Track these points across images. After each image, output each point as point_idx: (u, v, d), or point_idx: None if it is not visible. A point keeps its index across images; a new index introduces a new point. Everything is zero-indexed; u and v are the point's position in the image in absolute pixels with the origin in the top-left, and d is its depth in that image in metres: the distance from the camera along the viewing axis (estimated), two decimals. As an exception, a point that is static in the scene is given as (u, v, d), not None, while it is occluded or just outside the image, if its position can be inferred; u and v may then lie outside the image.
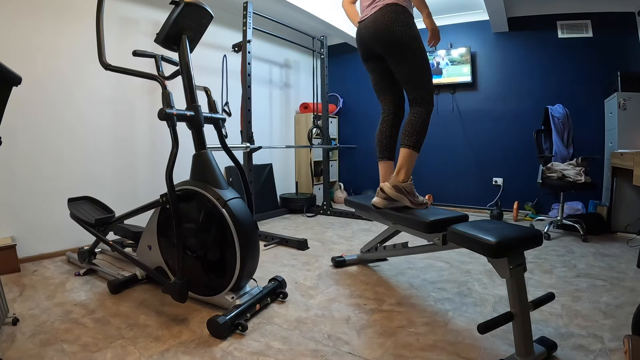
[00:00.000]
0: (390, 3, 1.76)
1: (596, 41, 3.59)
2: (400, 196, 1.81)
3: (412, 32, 1.76)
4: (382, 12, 1.77)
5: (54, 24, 2.46)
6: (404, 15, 1.76)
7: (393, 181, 1.81)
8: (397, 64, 1.82)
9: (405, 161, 1.79)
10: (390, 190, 1.80)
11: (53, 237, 2.50)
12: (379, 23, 1.78)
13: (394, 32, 1.75)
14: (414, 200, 1.82)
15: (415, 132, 1.79)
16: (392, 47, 1.79)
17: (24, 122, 2.34)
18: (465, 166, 4.31)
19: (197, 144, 1.74)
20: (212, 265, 1.68)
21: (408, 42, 1.75)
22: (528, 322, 1.24)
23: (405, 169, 1.79)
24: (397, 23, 1.74)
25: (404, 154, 1.80)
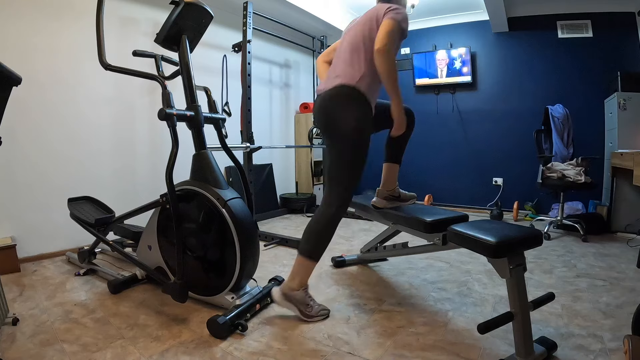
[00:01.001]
0: (345, 84, 1.56)
1: (596, 41, 3.59)
2: (289, 305, 1.58)
3: (356, 125, 1.55)
4: (331, 93, 1.59)
5: (53, 23, 2.46)
6: (355, 102, 1.56)
7: (284, 287, 1.59)
8: (328, 150, 1.66)
9: (298, 269, 1.58)
10: (279, 298, 1.59)
11: (53, 237, 2.50)
12: (324, 103, 1.62)
13: (334, 119, 1.58)
14: (304, 310, 1.58)
15: (315, 239, 1.57)
16: (328, 133, 1.63)
17: (23, 122, 2.34)
18: (465, 166, 4.31)
19: (197, 144, 1.74)
20: (212, 265, 1.68)
21: (345, 135, 1.56)
22: (528, 322, 1.24)
23: (299, 278, 1.57)
24: (342, 110, 1.56)
25: (298, 261, 1.59)
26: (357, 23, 1.68)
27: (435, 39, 4.36)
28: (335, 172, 1.61)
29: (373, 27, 1.57)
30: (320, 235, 1.59)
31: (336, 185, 1.61)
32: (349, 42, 1.65)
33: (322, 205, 1.63)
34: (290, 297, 1.58)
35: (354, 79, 1.56)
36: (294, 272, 1.60)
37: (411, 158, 4.55)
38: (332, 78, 1.63)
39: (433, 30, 4.39)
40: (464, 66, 4.15)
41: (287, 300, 1.58)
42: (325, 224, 1.59)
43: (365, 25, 1.61)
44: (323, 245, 1.60)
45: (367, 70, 1.57)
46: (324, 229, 1.59)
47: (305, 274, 1.60)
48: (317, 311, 1.61)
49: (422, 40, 4.43)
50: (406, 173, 4.51)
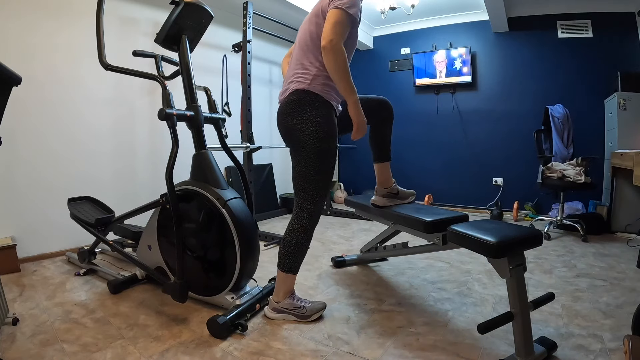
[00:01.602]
0: (298, 89, 1.49)
1: (596, 41, 3.59)
2: (283, 315, 1.59)
3: (315, 130, 1.46)
4: (286, 101, 1.54)
5: (52, 23, 2.46)
6: (310, 106, 1.48)
7: (272, 304, 1.61)
8: (293, 159, 1.57)
9: (280, 283, 1.59)
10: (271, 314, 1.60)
11: (53, 237, 2.50)
12: (280, 113, 1.57)
13: (291, 128, 1.51)
14: (299, 313, 1.58)
15: (288, 254, 1.54)
16: (289, 142, 1.57)
17: (23, 122, 2.34)
18: (466, 166, 4.31)
19: (197, 144, 1.74)
20: (212, 265, 1.68)
21: (305, 142, 1.48)
22: (528, 322, 1.24)
23: (282, 291, 1.59)
24: (297, 117, 1.49)
25: (279, 276, 1.59)
26: (305, 21, 1.59)
27: (435, 39, 4.35)
28: (302, 183, 1.53)
29: (319, 21, 1.46)
30: (294, 249, 1.55)
31: (304, 196, 1.53)
32: (298, 42, 1.59)
33: (292, 217, 1.57)
34: (280, 309, 1.59)
35: (306, 81, 1.49)
36: (278, 286, 1.61)
37: (411, 158, 4.57)
38: (285, 85, 1.57)
39: (433, 30, 4.39)
40: (464, 66, 4.14)
41: (280, 313, 1.60)
42: (298, 237, 1.54)
43: (312, 21, 1.51)
44: (299, 257, 1.57)
45: (319, 70, 1.48)
46: (297, 242, 1.54)
47: (287, 287, 1.60)
48: (311, 309, 1.60)
49: (422, 40, 4.43)
50: (406, 173, 4.53)
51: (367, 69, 4.67)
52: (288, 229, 1.57)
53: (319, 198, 1.54)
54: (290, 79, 1.56)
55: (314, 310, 1.60)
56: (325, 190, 1.56)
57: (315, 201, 1.54)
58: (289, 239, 1.56)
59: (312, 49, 1.50)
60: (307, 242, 1.57)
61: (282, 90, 1.60)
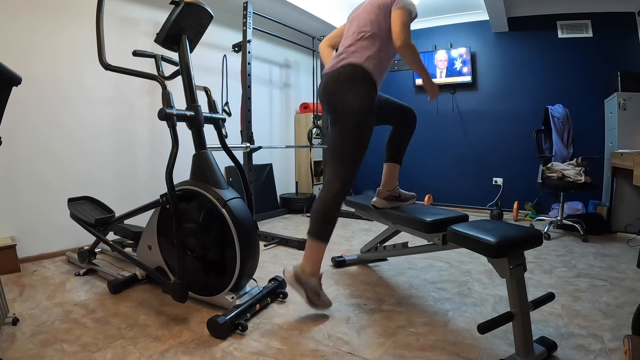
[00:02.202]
0: (353, 63, 1.60)
1: (596, 41, 3.59)
2: (298, 287, 1.59)
3: (361, 104, 1.58)
4: (339, 72, 1.63)
5: (52, 23, 2.46)
6: (361, 81, 1.59)
7: (298, 269, 1.60)
8: (332, 129, 1.67)
9: (309, 252, 1.60)
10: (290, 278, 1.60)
11: (53, 237, 2.50)
12: (331, 82, 1.66)
13: (340, 98, 1.60)
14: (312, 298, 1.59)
15: (320, 221, 1.59)
16: (333, 112, 1.66)
17: (23, 122, 2.34)
18: (465, 166, 4.31)
19: (197, 144, 1.74)
20: (212, 265, 1.68)
21: (350, 113, 1.58)
22: (528, 322, 1.24)
23: (311, 261, 1.59)
24: (347, 89, 1.59)
25: (308, 243, 1.61)
26: (364, 9, 1.72)
27: (435, 39, 4.36)
28: (340, 150, 1.62)
29: (380, 13, 1.62)
30: (326, 215, 1.60)
31: (340, 162, 1.61)
32: (357, 26, 1.69)
33: (326, 184, 1.64)
34: (303, 282, 1.59)
35: (362, 58, 1.60)
36: (307, 255, 1.62)
37: (411, 158, 4.54)
38: (339, 58, 1.67)
39: (433, 30, 4.39)
40: (464, 66, 4.15)
41: (299, 284, 1.59)
42: (330, 203, 1.60)
43: (372, 12, 1.66)
44: (329, 226, 1.61)
45: (374, 53, 1.61)
46: (329, 209, 1.60)
47: (317, 257, 1.61)
48: (323, 302, 1.63)
49: (422, 40, 4.43)
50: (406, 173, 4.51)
51: (367, 69, 4.68)
52: (321, 196, 1.63)
53: (354, 168, 1.63)
54: (345, 53, 1.66)
55: (324, 303, 1.64)
56: (360, 161, 1.64)
57: (350, 171, 1.62)
58: (321, 205, 1.61)
59: (371, 34, 1.64)
60: (337, 210, 1.63)
61: (334, 63, 1.68)
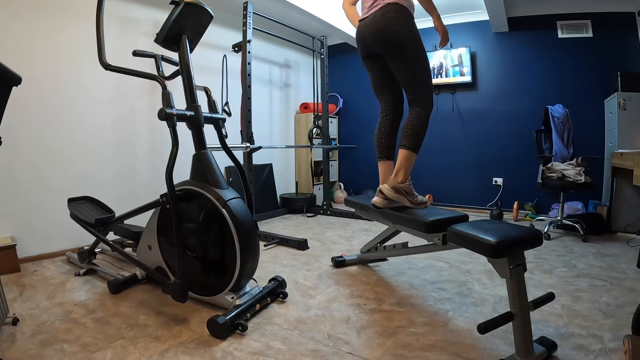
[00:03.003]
0: (391, 2, 1.76)
1: (596, 41, 3.59)
2: (400, 197, 1.81)
3: (412, 32, 1.76)
4: (382, 12, 1.77)
5: (52, 23, 2.46)
6: (404, 15, 1.76)
7: (392, 182, 1.81)
8: (396, 63, 1.82)
9: (403, 162, 1.80)
10: (389, 192, 1.80)
11: (53, 237, 2.50)
12: (379, 22, 1.78)
13: (393, 31, 1.74)
14: (413, 200, 1.84)
15: (415, 134, 1.79)
16: (391, 47, 1.79)
17: (23, 122, 2.34)
18: (465, 166, 4.31)
19: (197, 144, 1.74)
20: (212, 265, 1.68)
21: (407, 42, 1.75)
22: (528, 322, 1.24)
23: (404, 170, 1.80)
24: (397, 22, 1.74)
25: (403, 155, 1.80)
26: None
27: (435, 39, 4.30)
28: (415, 75, 1.79)
29: None
30: (420, 130, 1.79)
31: (419, 89, 1.79)
32: None
33: (414, 107, 1.81)
34: (400, 190, 1.80)
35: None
36: (399, 166, 1.81)
37: (411, 158, 4.57)
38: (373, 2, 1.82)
39: (433, 30, 4.35)
40: (464, 66, 4.14)
41: (397, 193, 1.80)
42: (423, 119, 1.78)
43: None
44: (421, 138, 1.81)
45: None
46: (422, 124, 1.78)
47: (408, 167, 1.81)
48: (421, 200, 1.86)
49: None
50: (406, 173, 4.53)
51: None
52: (411, 116, 1.80)
53: (431, 83, 1.85)
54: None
55: (422, 202, 1.87)
56: (431, 81, 1.86)
57: (429, 90, 1.82)
58: (414, 122, 1.78)
59: None
60: (427, 125, 1.81)
61: (371, 6, 1.83)
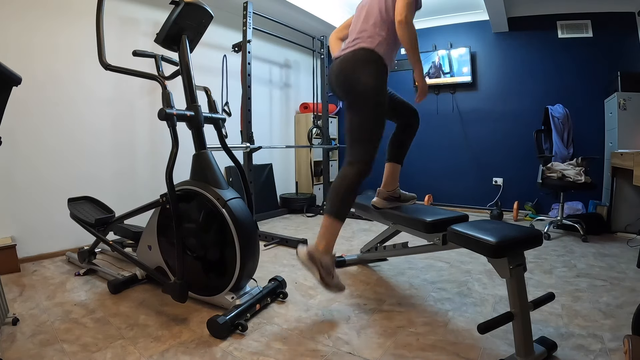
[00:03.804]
0: (365, 47, 1.62)
1: (596, 41, 3.59)
2: (312, 266, 1.55)
3: (375, 84, 1.60)
4: (352, 55, 1.64)
5: (52, 23, 2.46)
6: (374, 64, 1.61)
7: (312, 247, 1.57)
8: (349, 112, 1.67)
9: (324, 230, 1.59)
10: (304, 257, 1.56)
11: (53, 237, 2.50)
12: (344, 64, 1.66)
13: (354, 79, 1.61)
14: (325, 276, 1.55)
15: (338, 198, 1.59)
16: (348, 94, 1.66)
17: (23, 123, 2.34)
18: (465, 166, 4.31)
19: (197, 144, 1.74)
20: (212, 265, 1.68)
21: (365, 94, 1.60)
22: (528, 322, 1.24)
23: (325, 240, 1.57)
24: (362, 70, 1.60)
25: (324, 221, 1.60)
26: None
27: (435, 39, 4.35)
28: (359, 131, 1.63)
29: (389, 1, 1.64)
30: (345, 195, 1.60)
31: (359, 146, 1.62)
32: (366, 12, 1.70)
33: (345, 166, 1.65)
34: (317, 260, 1.55)
35: (374, 43, 1.62)
36: (321, 233, 1.60)
37: (411, 158, 4.52)
38: (352, 42, 1.69)
39: (433, 30, 4.39)
40: (464, 66, 4.15)
41: (312, 262, 1.55)
42: (348, 183, 1.60)
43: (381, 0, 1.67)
44: (347, 205, 1.61)
45: (384, 38, 1.63)
46: (348, 188, 1.60)
47: (331, 236, 1.59)
48: (336, 283, 1.59)
49: (422, 40, 4.39)
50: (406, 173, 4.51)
51: (367, 69, 4.68)
52: (340, 176, 1.63)
53: (373, 148, 1.63)
54: (356, 39, 1.67)
55: (336, 285, 1.59)
56: (378, 139, 1.64)
57: (370, 150, 1.62)
58: (340, 184, 1.61)
59: (380, 22, 1.65)
60: (357, 190, 1.62)
61: (347, 47, 1.70)
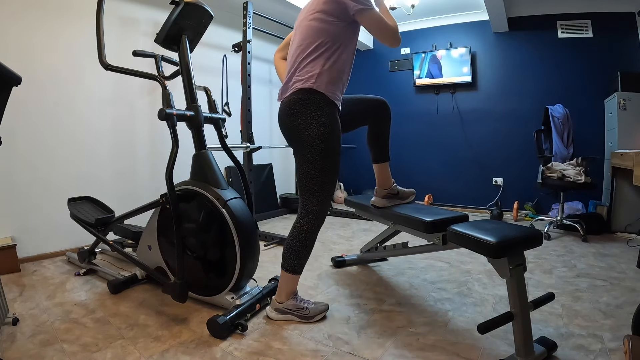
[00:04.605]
0: (303, 89, 1.46)
1: (596, 41, 3.59)
2: (286, 316, 1.57)
3: (320, 131, 1.44)
4: (289, 101, 1.50)
5: (52, 23, 2.46)
6: (315, 105, 1.45)
7: (274, 304, 1.59)
8: (298, 160, 1.54)
9: (282, 283, 1.58)
10: (274, 315, 1.59)
11: (53, 237, 2.50)
12: (283, 114, 1.53)
13: (297, 128, 1.48)
14: (302, 314, 1.57)
15: (294, 254, 1.53)
16: (292, 142, 1.55)
17: (23, 122, 2.34)
18: (465, 166, 4.31)
19: (197, 144, 1.74)
20: (212, 265, 1.68)
21: (309, 142, 1.46)
22: (528, 322, 1.24)
23: (284, 292, 1.57)
24: (302, 117, 1.46)
25: (282, 276, 1.58)
26: (305, 18, 1.52)
27: (435, 39, 4.35)
28: (307, 184, 1.50)
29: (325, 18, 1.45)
30: (298, 249, 1.53)
31: (309, 197, 1.51)
32: (300, 38, 1.52)
33: (297, 218, 1.55)
34: (283, 310, 1.59)
35: (311, 79, 1.45)
36: (280, 286, 1.60)
37: (411, 158, 4.57)
38: (287, 83, 1.54)
39: (433, 30, 4.39)
40: (464, 66, 4.15)
41: (282, 314, 1.59)
42: (302, 237, 1.52)
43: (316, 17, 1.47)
44: (303, 259, 1.55)
45: (323, 67, 1.45)
46: (301, 243, 1.53)
47: (290, 288, 1.59)
48: (314, 310, 1.60)
49: (422, 40, 4.43)
50: (406, 173, 4.53)
51: (367, 69, 4.68)
52: (293, 229, 1.56)
53: (324, 198, 1.52)
54: (292, 77, 1.51)
55: (316, 312, 1.60)
56: (331, 190, 1.54)
57: (320, 202, 1.52)
58: (293, 240, 1.54)
59: (317, 47, 1.46)
60: (311, 243, 1.55)
61: (283, 88, 1.55)
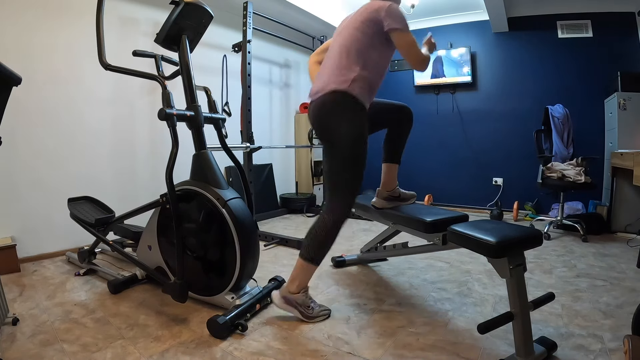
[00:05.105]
0: (336, 90, 1.52)
1: (596, 41, 3.59)
2: (289, 307, 1.58)
3: (351, 132, 1.52)
4: (323, 100, 1.56)
5: (52, 23, 2.46)
6: (348, 107, 1.53)
7: (284, 291, 1.60)
8: (327, 157, 1.62)
9: (298, 272, 1.58)
10: (279, 301, 1.58)
11: (53, 237, 2.50)
12: (316, 111, 1.60)
13: (329, 126, 1.56)
14: (305, 312, 1.58)
15: (317, 244, 1.56)
16: (324, 141, 1.62)
17: (23, 122, 2.33)
18: (466, 166, 4.31)
19: (197, 144, 1.74)
20: (212, 265, 1.68)
21: (341, 143, 1.53)
22: (528, 322, 1.24)
23: (298, 281, 1.58)
24: (334, 117, 1.54)
25: (299, 264, 1.58)
26: (347, 25, 1.63)
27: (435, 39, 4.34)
28: (336, 180, 1.58)
29: (367, 31, 1.54)
30: (323, 241, 1.56)
31: (336, 193, 1.58)
32: (340, 44, 1.61)
33: (324, 212, 1.60)
34: (291, 301, 1.58)
35: (346, 82, 1.52)
36: (294, 275, 1.59)
37: (411, 158, 4.56)
38: (322, 83, 1.59)
39: (433, 30, 4.36)
40: (464, 66, 4.15)
41: (287, 304, 1.58)
42: (328, 231, 1.56)
43: (358, 28, 1.57)
44: (325, 250, 1.58)
45: (359, 73, 1.54)
46: (326, 235, 1.56)
47: (305, 278, 1.59)
48: (317, 312, 1.61)
49: (422, 40, 4.41)
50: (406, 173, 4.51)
51: (367, 69, 4.68)
52: (318, 222, 1.58)
53: (350, 195, 1.58)
54: (328, 77, 1.58)
55: (319, 314, 1.61)
56: (356, 189, 1.59)
57: (349, 199, 1.58)
58: (319, 230, 1.56)
59: (355, 54, 1.55)
60: (335, 236, 1.58)
61: (319, 87, 1.60)
